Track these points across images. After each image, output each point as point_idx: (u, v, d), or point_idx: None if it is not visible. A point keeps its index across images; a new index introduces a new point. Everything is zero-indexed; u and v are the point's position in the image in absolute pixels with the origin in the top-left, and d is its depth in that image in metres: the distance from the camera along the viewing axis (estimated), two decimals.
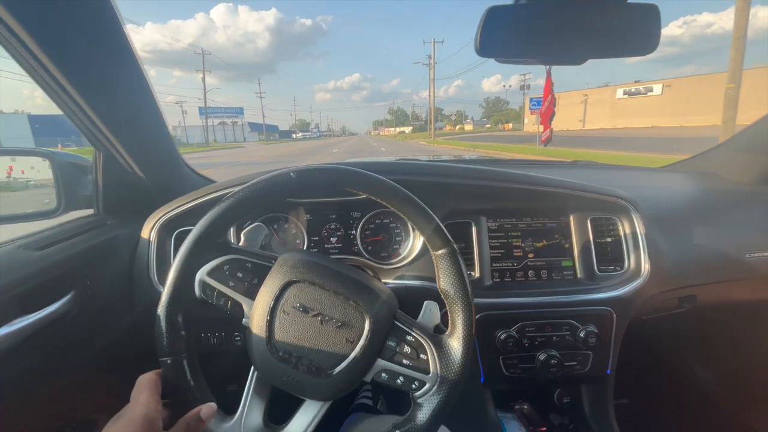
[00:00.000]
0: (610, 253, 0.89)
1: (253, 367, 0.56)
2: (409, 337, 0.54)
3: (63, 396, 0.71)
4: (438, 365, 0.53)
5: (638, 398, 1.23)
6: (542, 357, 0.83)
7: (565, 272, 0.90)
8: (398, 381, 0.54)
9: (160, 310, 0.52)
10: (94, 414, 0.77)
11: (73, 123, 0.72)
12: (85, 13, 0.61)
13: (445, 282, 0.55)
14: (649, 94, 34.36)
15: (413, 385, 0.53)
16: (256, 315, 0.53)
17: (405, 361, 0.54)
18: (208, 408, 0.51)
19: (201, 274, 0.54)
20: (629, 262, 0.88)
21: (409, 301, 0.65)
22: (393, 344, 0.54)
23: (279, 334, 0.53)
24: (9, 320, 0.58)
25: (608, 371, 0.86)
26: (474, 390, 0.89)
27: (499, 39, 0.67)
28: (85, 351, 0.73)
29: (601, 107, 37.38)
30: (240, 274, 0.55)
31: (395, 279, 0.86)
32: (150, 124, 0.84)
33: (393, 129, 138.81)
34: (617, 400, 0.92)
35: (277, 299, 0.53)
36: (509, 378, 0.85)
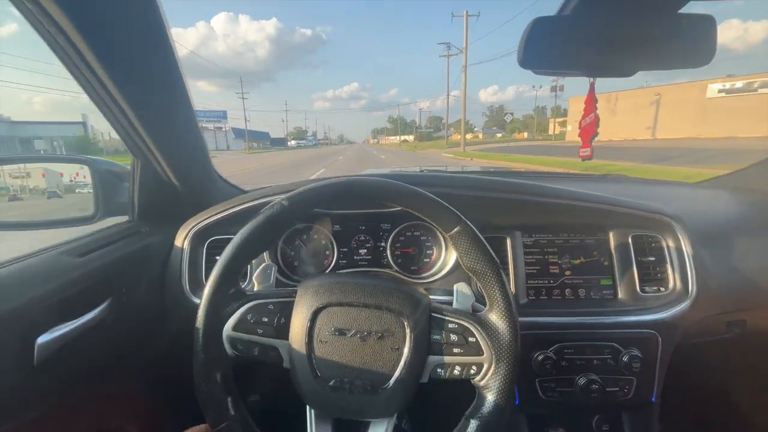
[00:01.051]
0: (653, 273, 0.85)
1: (308, 407, 0.55)
2: (451, 325, 0.54)
3: (97, 405, 0.70)
4: (489, 343, 0.52)
5: (682, 429, 1.16)
6: (582, 381, 0.79)
7: (604, 291, 0.86)
8: (455, 372, 0.53)
9: (197, 381, 0.51)
10: (126, 425, 0.77)
11: (115, 130, 0.73)
12: (138, 28, 0.63)
13: (468, 259, 0.54)
14: (761, 90, 23.58)
15: (472, 371, 0.52)
16: (295, 353, 0.52)
17: (456, 350, 0.53)
18: None
19: (227, 331, 0.53)
20: (675, 283, 0.83)
21: None
22: (438, 337, 0.53)
23: (323, 365, 0.52)
24: (50, 327, 0.58)
25: (653, 399, 0.81)
26: None
27: (543, 51, 0.65)
28: (119, 360, 0.73)
29: (682, 109, 26.92)
30: (265, 319, 0.54)
31: (430, 294, 0.84)
32: (188, 135, 0.85)
33: (396, 137, 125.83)
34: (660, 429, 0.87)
35: (311, 331, 0.52)
36: (546, 402, 0.81)
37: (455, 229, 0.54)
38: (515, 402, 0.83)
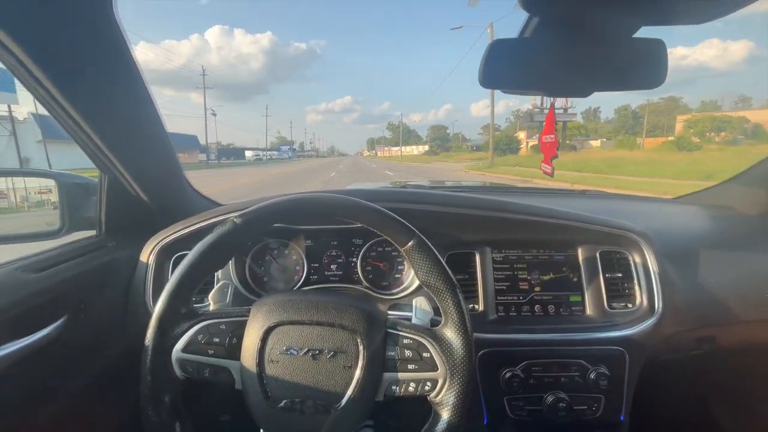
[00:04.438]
0: (620, 289, 0.85)
1: (261, 430, 0.54)
2: (406, 341, 0.53)
3: (50, 424, 0.68)
4: (443, 358, 0.52)
5: None
6: (550, 399, 0.78)
7: (573, 308, 0.86)
8: (410, 389, 0.52)
9: (144, 404, 0.50)
10: None
11: (78, 144, 0.73)
12: (92, 37, 0.62)
13: (422, 273, 0.54)
14: None
15: (426, 387, 0.52)
16: (246, 373, 0.52)
17: (410, 366, 0.52)
18: None
19: (176, 353, 0.52)
20: (642, 299, 0.84)
21: None
22: (393, 353, 0.53)
23: (274, 385, 0.51)
24: None
25: (621, 417, 0.81)
26: None
27: (502, 72, 0.67)
28: (75, 377, 0.71)
29: None
30: (216, 339, 0.53)
31: (396, 310, 0.84)
32: (156, 148, 0.85)
33: (399, 148, 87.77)
34: None
35: (261, 351, 0.51)
36: (514, 421, 0.80)
37: (409, 244, 0.55)
38: (484, 421, 0.82)
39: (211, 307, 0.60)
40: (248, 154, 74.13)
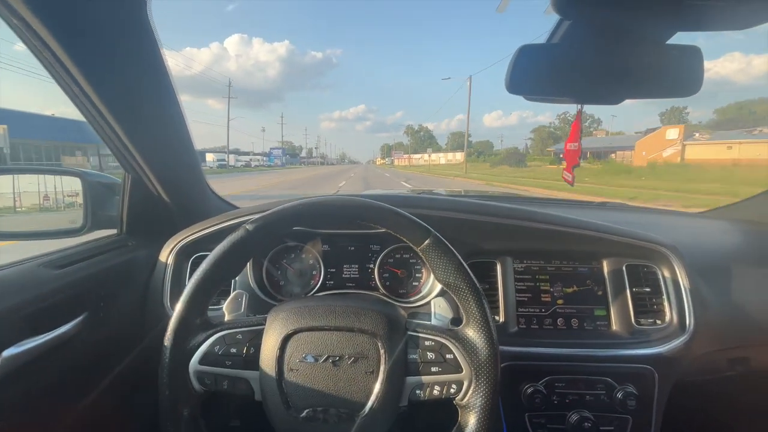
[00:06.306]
0: (648, 305, 0.82)
1: None
2: (427, 343, 0.52)
3: (68, 422, 0.68)
4: (467, 359, 0.50)
5: None
6: (574, 418, 0.75)
7: (598, 322, 0.83)
8: (435, 392, 0.51)
9: (163, 419, 0.50)
10: None
11: (106, 144, 0.74)
12: (127, 42, 0.64)
13: (440, 272, 0.53)
14: None
15: (452, 390, 0.50)
16: (265, 383, 0.51)
17: (433, 369, 0.51)
18: None
19: (193, 366, 0.51)
20: (672, 316, 0.80)
21: None
22: (414, 356, 0.51)
23: (295, 394, 0.50)
24: (19, 340, 0.56)
25: None
26: None
27: (530, 77, 0.65)
28: (92, 377, 0.71)
29: None
30: (234, 349, 0.52)
31: (414, 318, 0.82)
32: (180, 149, 0.86)
33: (421, 155, 73.12)
34: None
35: (280, 359, 0.50)
36: None
37: (425, 242, 0.53)
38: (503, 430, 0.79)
39: (226, 317, 0.59)
40: (209, 158, 53.75)
